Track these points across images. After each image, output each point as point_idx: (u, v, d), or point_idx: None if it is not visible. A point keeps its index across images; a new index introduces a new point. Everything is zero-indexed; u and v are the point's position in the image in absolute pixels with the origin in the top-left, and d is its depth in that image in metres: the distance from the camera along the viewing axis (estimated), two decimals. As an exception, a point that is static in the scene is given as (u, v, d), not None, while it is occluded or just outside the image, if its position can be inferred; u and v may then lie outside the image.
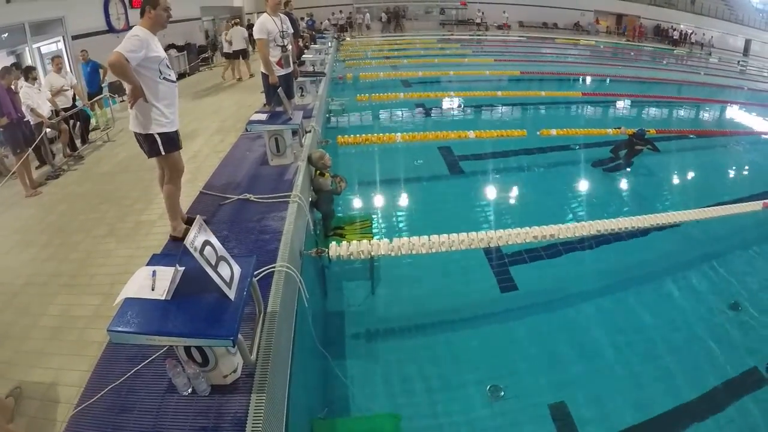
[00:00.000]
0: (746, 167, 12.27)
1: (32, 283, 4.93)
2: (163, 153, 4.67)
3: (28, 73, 8.63)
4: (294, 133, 7.05)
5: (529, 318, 6.20)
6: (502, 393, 4.99)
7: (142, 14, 4.50)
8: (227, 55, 16.98)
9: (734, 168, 12.14)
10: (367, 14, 39.00)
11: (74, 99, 10.01)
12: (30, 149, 7.77)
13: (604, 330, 5.98)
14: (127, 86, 4.32)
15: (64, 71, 10.04)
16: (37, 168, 8.37)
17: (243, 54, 16.52)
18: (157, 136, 4.57)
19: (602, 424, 4.76)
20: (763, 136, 15.52)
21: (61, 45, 13.46)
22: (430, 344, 5.74)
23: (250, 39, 15.44)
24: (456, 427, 4.75)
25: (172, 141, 4.69)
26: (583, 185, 10.44)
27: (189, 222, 5.22)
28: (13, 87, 7.89)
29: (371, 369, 5.35)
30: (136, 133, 4.65)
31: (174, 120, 4.69)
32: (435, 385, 5.12)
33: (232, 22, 19.51)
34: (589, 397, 5.02)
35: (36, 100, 8.47)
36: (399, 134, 11.64)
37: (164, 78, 4.51)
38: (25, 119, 7.95)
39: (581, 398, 4.98)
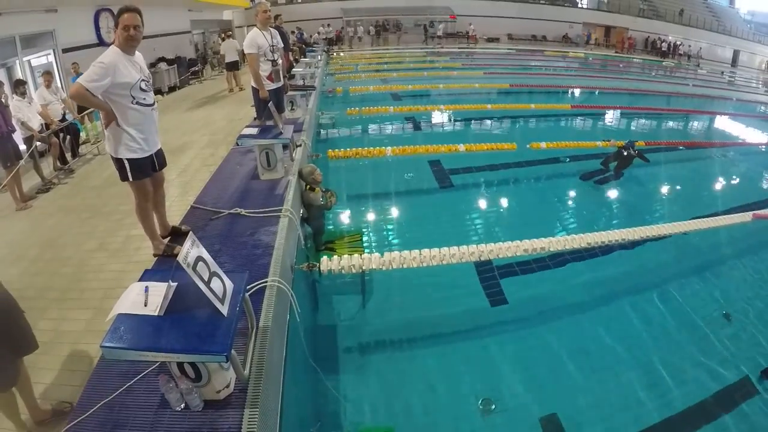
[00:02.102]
0: (735, 178, 12.37)
1: (22, 297, 4.84)
2: (131, 179, 4.60)
3: (17, 87, 8.62)
4: (285, 147, 7.07)
5: (521, 330, 6.21)
6: (494, 406, 4.99)
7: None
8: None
9: (724, 179, 12.22)
10: (360, 27, 39.17)
11: (64, 112, 10.00)
12: (21, 162, 7.75)
13: (596, 341, 6.00)
14: None
15: (55, 86, 10.02)
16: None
17: (234, 66, 16.62)
18: (125, 162, 4.50)
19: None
20: (752, 147, 15.67)
21: (51, 58, 13.43)
22: (421, 357, 5.74)
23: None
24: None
25: (140, 168, 4.60)
26: (574, 198, 10.51)
27: (174, 232, 5.32)
28: (3, 101, 7.88)
29: (363, 382, 5.33)
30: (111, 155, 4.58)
31: (147, 145, 4.60)
32: (427, 399, 5.11)
33: (224, 35, 19.65)
34: (581, 408, 5.03)
35: (26, 113, 8.47)
36: (389, 148, 11.67)
37: (137, 103, 4.40)
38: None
39: (573, 410, 4.98)
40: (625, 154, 10.72)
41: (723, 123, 18.77)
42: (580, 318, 6.42)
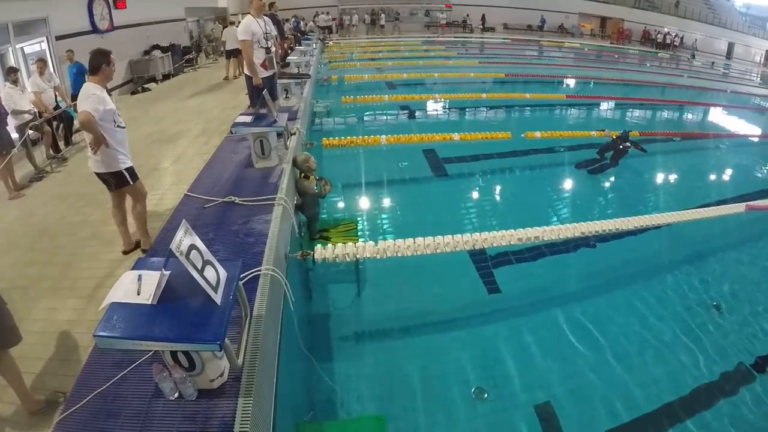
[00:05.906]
0: (729, 169, 12.40)
1: (15, 286, 4.89)
2: (131, 183, 5.45)
3: (9, 75, 8.55)
4: (279, 135, 7.02)
5: (514, 319, 6.23)
6: (486, 395, 5.02)
7: (95, 72, 5.06)
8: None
9: (718, 170, 12.26)
10: (355, 16, 38.98)
11: (57, 100, 9.92)
12: (14, 150, 7.70)
13: (589, 330, 6.01)
14: (88, 136, 5.04)
15: (48, 74, 9.92)
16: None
17: (234, 53, 16.53)
18: (124, 172, 5.34)
19: (588, 424, 4.81)
20: (746, 139, 15.69)
21: (45, 45, 13.29)
22: (415, 346, 5.76)
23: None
24: (441, 428, 4.77)
25: (134, 171, 5.49)
26: (568, 187, 10.52)
27: (137, 246, 5.80)
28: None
29: (356, 371, 5.35)
30: (98, 173, 5.32)
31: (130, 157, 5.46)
32: (420, 387, 5.13)
33: (228, 22, 19.54)
34: (574, 397, 5.06)
35: (18, 101, 8.40)
36: (384, 136, 11.66)
37: (118, 126, 5.23)
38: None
39: (567, 398, 5.02)
40: (621, 145, 10.71)
41: (717, 114, 18.80)
42: (573, 307, 6.43)
